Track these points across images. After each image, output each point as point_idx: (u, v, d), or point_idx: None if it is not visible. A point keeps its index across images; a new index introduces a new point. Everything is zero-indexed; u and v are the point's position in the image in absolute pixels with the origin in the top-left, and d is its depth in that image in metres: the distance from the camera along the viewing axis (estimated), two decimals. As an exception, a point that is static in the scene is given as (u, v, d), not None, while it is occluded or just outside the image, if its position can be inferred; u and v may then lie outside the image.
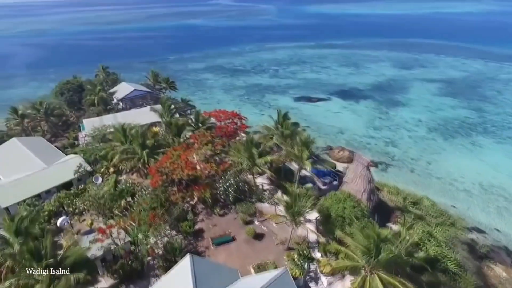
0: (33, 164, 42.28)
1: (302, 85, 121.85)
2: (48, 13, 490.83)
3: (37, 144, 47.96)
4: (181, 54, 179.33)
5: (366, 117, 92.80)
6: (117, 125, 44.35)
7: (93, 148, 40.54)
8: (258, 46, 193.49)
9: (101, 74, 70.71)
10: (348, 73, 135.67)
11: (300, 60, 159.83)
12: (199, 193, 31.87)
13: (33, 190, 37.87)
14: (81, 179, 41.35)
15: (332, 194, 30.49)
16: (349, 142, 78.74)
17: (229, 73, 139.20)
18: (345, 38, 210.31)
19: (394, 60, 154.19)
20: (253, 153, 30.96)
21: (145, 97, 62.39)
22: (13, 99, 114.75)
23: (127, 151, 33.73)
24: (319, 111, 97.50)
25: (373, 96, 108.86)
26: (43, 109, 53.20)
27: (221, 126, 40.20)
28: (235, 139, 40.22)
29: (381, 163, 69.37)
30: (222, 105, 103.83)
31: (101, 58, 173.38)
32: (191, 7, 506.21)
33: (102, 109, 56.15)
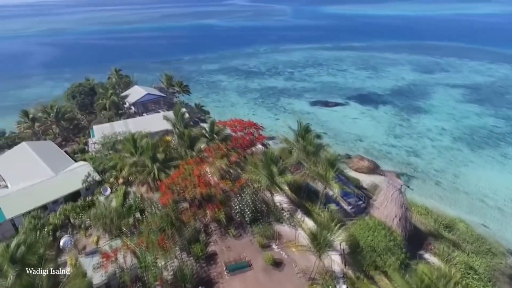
0: (41, 172, 40.64)
1: (318, 88, 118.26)
2: (66, 12, 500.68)
3: (47, 149, 46.44)
4: (195, 54, 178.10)
5: (386, 124, 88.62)
6: (127, 133, 42.40)
7: (102, 157, 38.65)
8: (273, 48, 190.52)
9: (114, 77, 69.31)
10: (366, 77, 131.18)
11: (316, 62, 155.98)
12: (213, 212, 29.34)
13: (40, 200, 36.14)
14: (89, 188, 39.45)
15: (361, 220, 27.36)
16: (368, 150, 74.92)
17: (243, 75, 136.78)
18: (362, 40, 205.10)
19: (414, 64, 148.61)
20: (273, 170, 28.10)
21: (157, 101, 60.49)
22: (29, 99, 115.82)
23: (136, 163, 31.53)
24: (336, 117, 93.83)
25: (393, 101, 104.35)
26: (53, 113, 51.90)
27: (236, 137, 37.54)
28: (252, 152, 37.45)
29: (403, 175, 65.39)
30: (235, 108, 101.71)
31: (116, 58, 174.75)
32: (206, 7, 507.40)
33: (113, 114, 54.49)
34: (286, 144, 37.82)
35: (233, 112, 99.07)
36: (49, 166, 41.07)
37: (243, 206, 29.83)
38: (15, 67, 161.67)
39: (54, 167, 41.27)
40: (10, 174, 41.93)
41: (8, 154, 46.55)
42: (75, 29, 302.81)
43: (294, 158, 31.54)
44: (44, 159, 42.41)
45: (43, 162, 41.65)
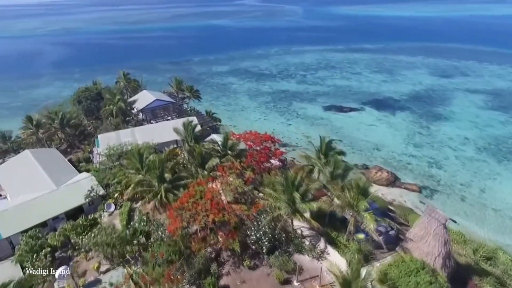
0: (42, 184, 38.27)
1: (331, 92, 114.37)
2: (80, 11, 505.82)
3: (50, 158, 44.15)
4: (205, 55, 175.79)
5: (404, 131, 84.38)
6: (134, 144, 39.65)
7: (106, 171, 36.04)
8: (284, 49, 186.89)
9: (122, 81, 66.94)
10: (382, 81, 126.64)
11: (329, 65, 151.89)
12: (226, 242, 26.25)
13: (39, 217, 33.69)
14: (93, 203, 36.84)
15: (398, 258, 23.92)
16: (386, 160, 70.91)
17: (254, 78, 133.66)
18: (375, 42, 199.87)
19: (431, 67, 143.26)
20: (295, 197, 24.82)
21: (167, 107, 57.88)
22: (38, 99, 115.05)
23: (142, 182, 28.77)
24: (352, 123, 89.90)
25: (410, 107, 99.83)
26: (58, 119, 49.70)
27: (252, 153, 34.34)
28: (269, 169, 34.22)
29: (426, 188, 61.33)
30: (246, 113, 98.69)
31: (126, 58, 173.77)
32: (216, 7, 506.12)
33: (120, 121, 51.96)
34: (306, 161, 34.45)
35: (243, 116, 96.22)
36: (51, 177, 38.65)
37: (261, 236, 26.64)
38: (26, 67, 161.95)
39: (56, 178, 38.83)
40: (11, 185, 39.73)
41: (11, 163, 44.45)
42: (87, 28, 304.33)
43: (318, 184, 28.11)
44: (46, 170, 40.03)
45: (45, 173, 39.26)
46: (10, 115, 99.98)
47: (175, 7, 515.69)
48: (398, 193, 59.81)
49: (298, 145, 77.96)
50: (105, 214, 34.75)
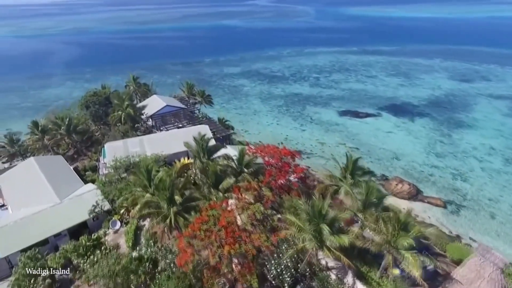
0: (45, 196, 36.06)
1: (346, 96, 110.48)
2: (93, 11, 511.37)
3: (55, 167, 41.98)
4: (216, 56, 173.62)
5: (424, 140, 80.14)
6: (142, 156, 37.13)
7: (112, 184, 33.55)
8: (297, 50, 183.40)
9: (132, 85, 64.69)
10: (398, 85, 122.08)
11: (343, 67, 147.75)
12: (242, 276, 23.32)
13: (40, 234, 31.38)
14: (98, 219, 34.36)
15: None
16: (407, 171, 66.97)
17: (266, 80, 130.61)
18: (390, 44, 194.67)
19: (450, 71, 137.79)
20: (322, 228, 21.55)
21: (177, 114, 55.36)
22: (49, 100, 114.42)
23: (150, 204, 26.06)
24: (368, 130, 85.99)
25: (430, 113, 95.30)
26: (64, 126, 47.60)
27: (270, 170, 31.21)
28: (290, 190, 31.06)
29: (451, 203, 57.26)
30: (258, 117, 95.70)
31: (136, 58, 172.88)
32: (227, 7, 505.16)
33: (129, 127, 49.61)
34: (330, 180, 31.19)
35: (255, 120, 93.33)
36: (55, 189, 36.39)
37: (281, 269, 23.64)
38: (38, 66, 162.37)
39: (60, 190, 36.56)
40: (13, 195, 37.68)
41: (14, 171, 42.44)
42: (99, 28, 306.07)
43: (349, 213, 24.74)
44: (50, 181, 37.82)
45: (48, 185, 37.04)
46: (20, 116, 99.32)
47: (186, 7, 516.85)
48: (421, 208, 56.00)
49: (313, 153, 74.69)
50: (110, 232, 32.29)
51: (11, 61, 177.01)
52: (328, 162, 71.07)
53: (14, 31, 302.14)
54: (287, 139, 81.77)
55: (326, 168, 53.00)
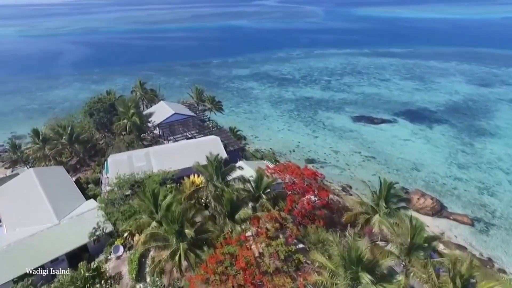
0: (43, 214, 33.34)
1: (360, 101, 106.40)
2: (103, 11, 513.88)
3: (55, 181, 39.26)
4: (225, 58, 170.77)
5: (445, 149, 75.84)
6: (147, 174, 34.07)
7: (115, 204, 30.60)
8: (306, 52, 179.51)
9: (138, 90, 61.84)
10: (414, 89, 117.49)
11: (355, 70, 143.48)
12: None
13: (36, 259, 28.52)
14: (100, 241, 31.41)
15: None
16: (428, 183, 62.92)
17: (276, 82, 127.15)
18: (403, 46, 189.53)
19: (468, 75, 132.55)
20: (362, 277, 18.05)
21: (186, 122, 52.26)
22: (55, 101, 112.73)
23: (156, 236, 22.89)
24: (384, 137, 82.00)
25: (449, 120, 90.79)
26: (66, 135, 44.92)
27: (292, 196, 27.74)
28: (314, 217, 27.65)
29: (479, 221, 53.13)
30: (269, 122, 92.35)
31: (145, 59, 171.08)
32: (235, 7, 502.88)
33: (134, 137, 46.68)
34: (360, 208, 27.66)
35: (266, 125, 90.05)
36: (54, 207, 33.60)
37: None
38: (46, 67, 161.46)
39: (59, 208, 33.78)
40: (9, 213, 35.04)
41: (12, 184, 39.86)
42: (109, 28, 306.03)
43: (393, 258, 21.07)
44: (49, 196, 35.06)
45: (47, 202, 34.26)
46: (25, 118, 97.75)
47: (194, 7, 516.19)
48: (446, 226, 52.04)
49: (327, 162, 71.07)
50: (112, 258, 29.32)
51: (21, 61, 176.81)
52: (343, 172, 67.58)
53: (25, 30, 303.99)
54: (299, 146, 78.39)
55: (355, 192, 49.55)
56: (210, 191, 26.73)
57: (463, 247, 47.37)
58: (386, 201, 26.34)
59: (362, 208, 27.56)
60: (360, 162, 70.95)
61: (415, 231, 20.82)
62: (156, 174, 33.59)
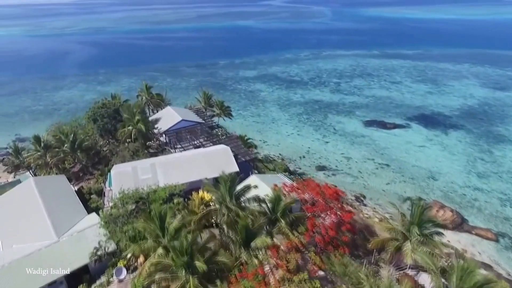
0: (42, 230, 31.20)
1: (371, 104, 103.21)
2: (109, 11, 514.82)
3: (56, 192, 37.09)
4: (231, 58, 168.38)
5: (462, 156, 72.56)
6: (153, 189, 31.69)
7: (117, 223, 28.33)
8: (315, 53, 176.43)
9: (144, 95, 59.54)
10: (426, 92, 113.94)
11: (365, 72, 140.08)
12: None
13: (33, 283, 26.21)
14: (101, 260, 29.09)
15: None
16: (446, 194, 59.81)
17: (284, 85, 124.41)
18: (413, 47, 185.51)
19: (482, 77, 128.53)
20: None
21: (194, 130, 49.82)
22: (60, 103, 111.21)
23: (162, 267, 20.44)
24: (398, 143, 78.93)
25: (464, 125, 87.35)
26: (68, 142, 42.76)
27: (313, 219, 24.98)
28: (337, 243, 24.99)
29: (503, 236, 50.01)
30: (277, 126, 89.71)
31: (150, 60, 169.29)
32: (241, 7, 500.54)
33: (140, 145, 44.30)
34: (389, 232, 24.93)
35: (274, 129, 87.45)
36: (53, 222, 31.43)
37: None
38: (53, 67, 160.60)
39: (58, 223, 31.61)
40: (6, 228, 32.97)
41: (11, 195, 37.80)
42: (115, 28, 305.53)
43: None
44: (49, 210, 32.88)
45: (46, 216, 32.08)
46: (30, 120, 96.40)
47: (200, 7, 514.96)
48: (468, 241, 48.97)
49: (338, 169, 68.25)
50: (114, 281, 27.02)
51: (27, 61, 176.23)
52: (356, 180, 64.73)
53: (31, 30, 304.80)
54: (309, 152, 75.68)
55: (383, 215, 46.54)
56: (223, 213, 24.18)
57: (488, 266, 44.35)
58: (419, 227, 23.59)
59: (391, 234, 24.83)
60: (374, 170, 68.01)
61: (463, 272, 18.05)
62: (163, 189, 31.20)
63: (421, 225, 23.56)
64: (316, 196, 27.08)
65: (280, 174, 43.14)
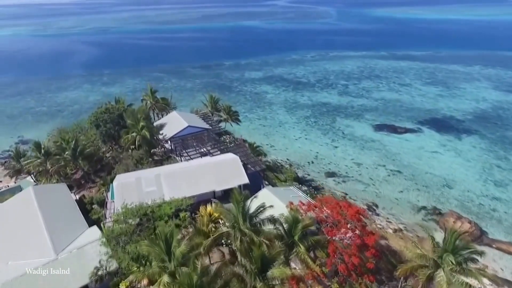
0: (40, 246, 29.41)
1: (380, 107, 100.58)
2: (114, 10, 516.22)
3: (56, 202, 35.31)
4: (237, 59, 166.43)
5: (477, 163, 69.78)
6: (156, 206, 29.69)
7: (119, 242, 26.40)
8: (321, 54, 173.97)
9: (149, 99, 57.48)
10: (437, 95, 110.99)
11: (373, 73, 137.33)
12: None
13: (27, 305, 24.34)
14: (102, 280, 27.17)
15: None
16: (463, 204, 57.21)
17: (290, 86, 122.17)
18: (422, 48, 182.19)
19: (494, 80, 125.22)
20: None
21: (200, 136, 47.73)
22: (64, 104, 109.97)
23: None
24: (410, 148, 76.32)
25: (478, 130, 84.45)
26: (69, 150, 40.91)
27: (334, 244, 22.62)
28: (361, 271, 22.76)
29: (526, 250, 47.16)
30: (285, 129, 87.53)
31: (155, 60, 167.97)
32: (246, 7, 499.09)
33: (144, 152, 42.31)
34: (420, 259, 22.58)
35: (281, 133, 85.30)
36: (52, 237, 29.64)
37: None
38: (58, 67, 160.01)
39: (58, 238, 29.82)
40: (2, 242, 31.12)
41: (9, 205, 36.09)
42: (120, 28, 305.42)
43: None
44: (48, 224, 31.10)
45: (45, 230, 30.30)
46: (34, 122, 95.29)
47: (206, 7, 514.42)
48: (489, 256, 46.05)
49: (349, 176, 65.87)
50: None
51: (32, 61, 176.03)
52: (368, 188, 62.33)
53: (38, 30, 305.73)
54: (317, 157, 73.40)
55: (397, 226, 44.05)
56: (236, 237, 21.97)
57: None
58: (453, 253, 21.30)
59: (421, 260, 22.51)
60: (385, 177, 65.57)
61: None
62: (168, 204, 29.16)
63: (456, 252, 21.21)
64: (336, 217, 24.71)
65: (293, 187, 40.87)
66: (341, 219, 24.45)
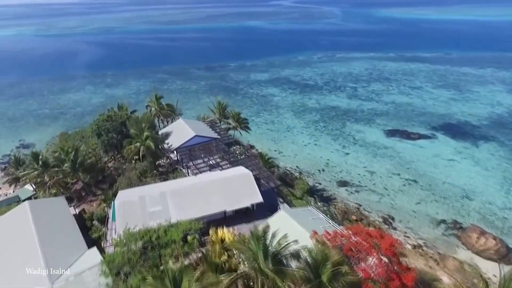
0: (34, 271, 26.70)
1: (391, 112, 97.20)
2: (118, 10, 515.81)
3: (53, 219, 32.70)
4: (242, 60, 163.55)
5: (498, 172, 66.31)
6: (163, 226, 26.87)
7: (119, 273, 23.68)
8: (328, 55, 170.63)
9: (153, 106, 54.62)
10: (449, 99, 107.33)
11: (382, 76, 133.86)
12: None
13: None
14: (102, 310, 24.40)
15: None
16: (485, 217, 53.91)
17: (297, 89, 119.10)
18: (431, 50, 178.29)
19: (508, 83, 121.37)
20: None
21: (208, 146, 44.80)
22: (67, 106, 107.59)
23: None
24: (425, 156, 72.96)
25: (496, 136, 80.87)
26: (69, 162, 38.20)
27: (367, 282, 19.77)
28: None
29: (556, 270, 43.63)
30: (293, 134, 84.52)
31: (159, 61, 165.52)
32: (251, 7, 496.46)
33: (148, 164, 39.54)
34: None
35: (289, 138, 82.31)
36: (47, 262, 27.02)
37: None
38: (61, 67, 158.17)
39: (54, 263, 27.21)
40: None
41: (3, 222, 33.35)
42: (124, 28, 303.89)
43: None
44: (43, 246, 28.50)
45: (41, 254, 27.63)
46: (36, 124, 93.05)
47: (210, 7, 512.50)
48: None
49: (362, 185, 62.71)
50: None
51: (36, 62, 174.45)
52: (382, 199, 59.20)
53: (42, 30, 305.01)
54: (328, 164, 70.31)
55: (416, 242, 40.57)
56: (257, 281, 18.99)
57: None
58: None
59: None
60: (401, 187, 62.37)
61: None
62: (175, 227, 26.33)
63: None
64: (369, 252, 21.64)
65: (311, 206, 37.78)
66: (375, 253, 21.35)
